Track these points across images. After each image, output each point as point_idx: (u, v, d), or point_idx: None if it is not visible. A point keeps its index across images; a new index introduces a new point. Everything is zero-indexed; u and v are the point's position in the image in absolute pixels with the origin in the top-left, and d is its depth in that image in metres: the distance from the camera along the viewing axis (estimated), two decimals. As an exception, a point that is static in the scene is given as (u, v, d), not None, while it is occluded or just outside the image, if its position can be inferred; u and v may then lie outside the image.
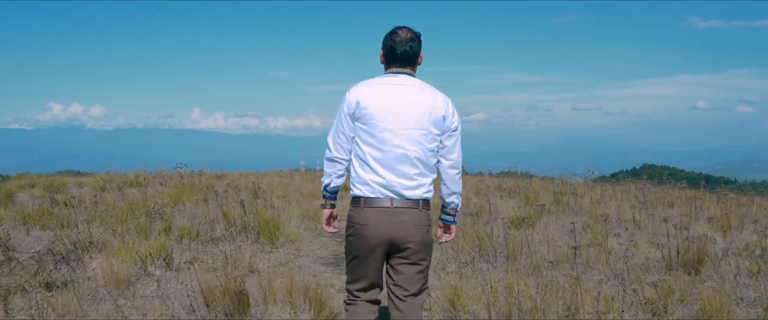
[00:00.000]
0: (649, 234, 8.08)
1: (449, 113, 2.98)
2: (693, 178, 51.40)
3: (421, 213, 2.95)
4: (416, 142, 2.89)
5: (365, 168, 2.92)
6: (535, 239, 7.33)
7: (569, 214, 9.77)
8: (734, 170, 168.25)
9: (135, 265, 5.34)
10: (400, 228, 2.89)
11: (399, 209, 2.89)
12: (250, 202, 9.17)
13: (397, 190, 2.89)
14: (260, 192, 11.62)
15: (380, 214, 2.89)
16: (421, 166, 2.92)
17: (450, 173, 3.05)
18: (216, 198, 10.85)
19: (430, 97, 2.96)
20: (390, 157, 2.88)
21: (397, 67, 2.99)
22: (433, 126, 2.92)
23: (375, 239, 2.91)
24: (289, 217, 8.39)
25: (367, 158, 2.91)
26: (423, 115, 2.90)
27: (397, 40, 2.95)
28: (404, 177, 2.89)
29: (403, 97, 2.92)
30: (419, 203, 2.94)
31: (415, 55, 2.99)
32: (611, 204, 10.88)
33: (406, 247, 2.94)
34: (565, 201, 11.37)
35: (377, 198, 2.89)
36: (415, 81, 3.00)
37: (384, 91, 2.93)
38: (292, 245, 6.83)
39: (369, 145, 2.91)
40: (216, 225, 7.36)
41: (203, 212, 8.12)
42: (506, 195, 13.25)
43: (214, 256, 6.21)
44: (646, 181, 17.64)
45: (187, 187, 11.47)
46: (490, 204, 9.52)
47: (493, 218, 8.97)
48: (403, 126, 2.88)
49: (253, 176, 19.37)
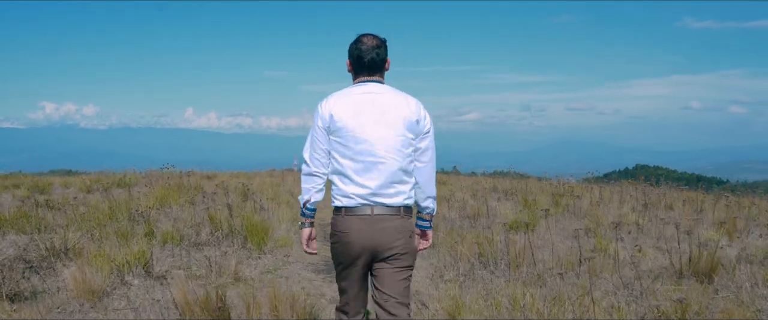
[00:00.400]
0: (653, 238, 7.77)
1: (421, 116, 2.96)
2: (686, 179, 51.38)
3: (402, 220, 2.92)
4: (394, 150, 2.88)
5: (345, 181, 2.91)
6: (536, 244, 7.02)
7: (569, 217, 9.46)
8: (726, 170, 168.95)
9: (111, 274, 4.97)
10: (381, 235, 2.87)
11: (380, 216, 2.87)
12: (239, 205, 8.82)
13: (376, 199, 2.87)
14: (250, 194, 11.26)
15: (361, 222, 2.87)
16: (400, 173, 2.90)
17: (425, 176, 3.01)
18: (204, 200, 10.51)
19: (402, 102, 2.94)
20: (369, 167, 2.86)
21: (366, 75, 2.97)
22: (408, 131, 2.91)
23: (357, 246, 2.88)
24: (279, 220, 8.04)
25: (346, 171, 2.89)
26: (397, 122, 2.89)
27: (364, 49, 2.93)
28: (384, 186, 2.87)
29: (376, 105, 2.90)
30: (400, 210, 2.91)
31: (382, 61, 2.97)
32: (611, 206, 10.56)
33: (390, 255, 2.90)
34: (564, 203, 11.06)
35: (357, 207, 2.88)
36: (385, 88, 2.98)
37: (356, 102, 2.91)
38: (281, 250, 6.48)
39: (347, 157, 2.89)
40: (202, 229, 7.00)
41: (189, 215, 7.76)
42: (503, 196, 12.94)
43: (198, 263, 5.86)
44: (642, 182, 17.38)
45: (174, 189, 11.11)
46: (487, 206, 9.19)
47: (491, 221, 8.64)
48: (379, 135, 2.87)
49: (244, 176, 19.00)
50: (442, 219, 8.94)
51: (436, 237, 7.02)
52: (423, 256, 6.53)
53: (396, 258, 2.92)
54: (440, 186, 14.62)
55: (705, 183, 26.72)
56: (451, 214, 9.16)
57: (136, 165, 17.74)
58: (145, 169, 17.54)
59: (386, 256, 2.91)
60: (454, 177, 19.54)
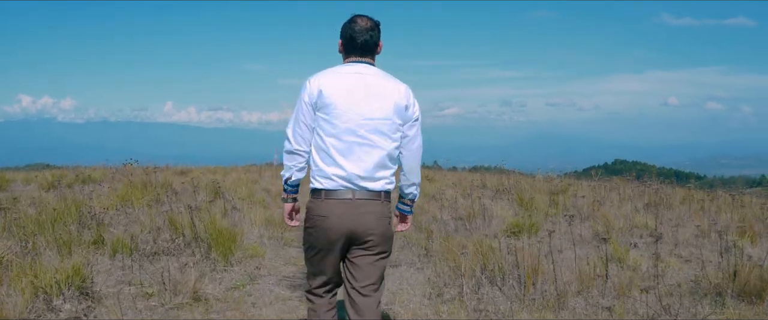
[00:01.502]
0: (670, 244, 6.98)
1: (411, 103, 2.91)
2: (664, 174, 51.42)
3: (382, 205, 2.85)
4: (380, 133, 2.81)
5: (327, 161, 2.81)
6: (543, 251, 6.19)
7: (571, 218, 8.65)
8: (702, 166, 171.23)
9: (34, 298, 4.03)
10: (362, 220, 2.80)
11: (361, 201, 2.80)
12: (208, 205, 7.91)
13: (358, 182, 2.79)
14: (222, 192, 10.32)
15: (342, 206, 2.79)
16: (384, 158, 2.83)
17: (411, 163, 2.96)
18: (171, 199, 9.55)
19: (392, 86, 2.88)
20: (353, 149, 2.79)
21: (357, 56, 2.90)
22: (396, 116, 2.85)
23: (336, 231, 2.81)
24: (252, 223, 7.13)
25: (330, 150, 2.79)
26: (386, 105, 2.83)
27: (357, 29, 2.86)
28: (366, 169, 2.80)
29: (366, 86, 2.83)
30: (381, 195, 2.84)
31: (375, 44, 2.91)
32: (610, 205, 9.78)
33: (368, 240, 2.84)
34: (562, 202, 10.26)
35: (338, 190, 2.79)
36: (376, 70, 2.92)
37: (347, 81, 2.83)
38: (251, 261, 5.58)
39: (331, 135, 2.79)
40: (161, 235, 6.08)
41: (149, 218, 6.82)
42: (494, 194, 12.12)
43: (152, 277, 4.94)
44: (633, 178, 16.73)
45: (138, 186, 10.14)
46: (482, 206, 8.34)
47: (487, 224, 7.80)
48: (367, 116, 2.80)
49: (220, 172, 18.04)
50: (434, 220, 8.10)
51: (431, 245, 6.17)
52: (416, 267, 5.68)
53: (374, 245, 2.85)
54: (427, 183, 13.78)
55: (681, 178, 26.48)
56: (443, 215, 8.31)
57: (115, 160, 16.73)
58: (123, 164, 16.64)
59: (364, 242, 2.84)
60: (439, 172, 18.76)
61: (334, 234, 2.81)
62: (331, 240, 2.83)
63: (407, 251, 6.29)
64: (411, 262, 5.81)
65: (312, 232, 2.87)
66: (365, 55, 2.91)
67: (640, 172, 20.26)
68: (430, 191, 11.39)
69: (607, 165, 74.79)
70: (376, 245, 2.86)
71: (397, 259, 5.95)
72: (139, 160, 15.60)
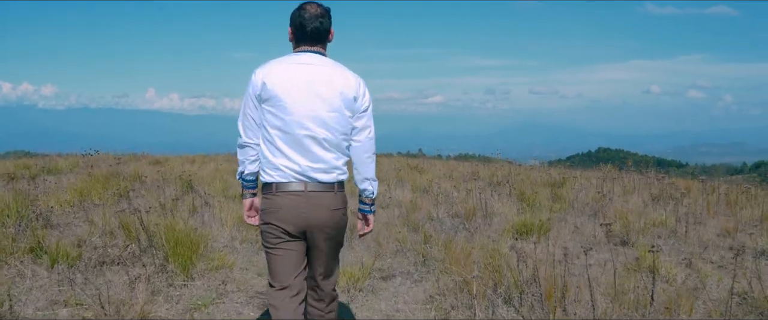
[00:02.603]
0: (694, 245, 6.19)
1: (360, 93, 2.81)
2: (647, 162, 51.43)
3: (335, 196, 2.79)
4: (326, 125, 2.73)
5: (275, 153, 2.75)
6: (556, 255, 5.37)
7: (581, 216, 7.85)
8: (684, 154, 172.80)
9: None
10: (315, 212, 2.74)
11: (313, 193, 2.74)
12: (174, 203, 7.00)
13: (309, 174, 2.73)
14: (195, 185, 9.40)
15: (294, 198, 2.73)
16: (333, 149, 2.76)
17: (362, 156, 2.87)
18: (137, 194, 8.65)
19: (340, 76, 2.77)
20: (300, 141, 2.71)
21: (307, 45, 2.80)
22: (344, 107, 2.76)
23: (290, 225, 2.75)
24: (222, 223, 6.24)
25: (276, 142, 2.73)
26: (334, 96, 2.74)
27: (307, 17, 2.75)
28: (316, 161, 2.73)
29: (312, 77, 2.73)
30: (334, 186, 2.78)
31: (326, 31, 2.81)
32: (615, 198, 8.98)
33: (322, 231, 2.79)
34: (564, 195, 9.47)
35: (290, 183, 2.73)
36: (325, 60, 2.81)
37: (292, 71, 2.74)
38: (217, 274, 4.68)
39: (276, 128, 2.73)
40: (114, 240, 5.19)
41: (104, 218, 5.90)
42: (489, 186, 11.31)
43: (95, 295, 4.05)
44: (630, 167, 16.08)
45: (103, 179, 9.21)
46: (482, 202, 7.50)
47: (489, 222, 6.97)
48: (312, 108, 2.71)
49: (199, 161, 17.04)
50: (429, 219, 7.25)
51: (430, 251, 5.33)
52: (413, 280, 4.83)
53: (328, 237, 2.82)
54: (415, 174, 12.93)
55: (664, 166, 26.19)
56: (438, 213, 7.46)
57: (95, 147, 15.81)
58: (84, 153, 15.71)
59: (320, 232, 2.79)
60: (427, 162, 17.92)
61: (288, 228, 2.75)
62: (286, 233, 2.76)
63: (401, 258, 5.43)
64: (406, 273, 4.95)
65: (267, 228, 2.80)
66: (316, 44, 2.80)
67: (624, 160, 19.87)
68: (422, 183, 10.54)
69: (590, 153, 74.72)
70: (331, 236, 2.83)
71: (390, 268, 5.11)
72: (117, 147, 14.71)
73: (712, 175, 14.45)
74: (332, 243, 2.87)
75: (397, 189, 10.24)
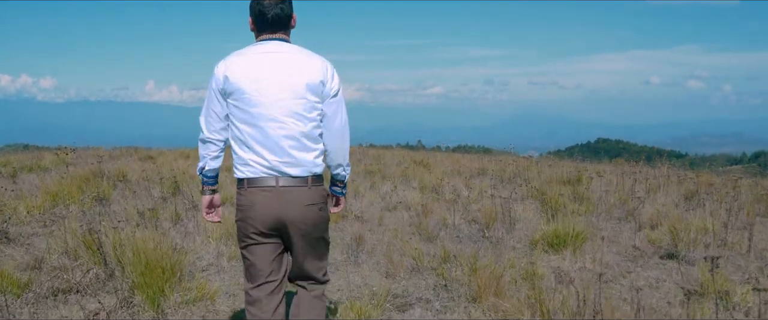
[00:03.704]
0: (754, 258, 5.38)
1: (328, 77, 2.65)
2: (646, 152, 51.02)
3: (310, 190, 2.64)
4: (294, 114, 2.59)
5: (243, 148, 2.62)
6: (605, 277, 4.55)
7: (612, 221, 7.04)
8: (683, 144, 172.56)
9: None
10: (288, 208, 2.60)
11: (285, 188, 2.60)
12: (155, 210, 6.17)
13: (280, 169, 2.60)
14: (183, 186, 8.57)
15: (265, 194, 2.59)
16: (303, 139, 2.61)
17: (334, 143, 2.72)
18: (119, 195, 7.83)
19: (305, 62, 2.64)
20: (268, 133, 2.58)
21: (269, 33, 2.67)
22: (310, 93, 2.61)
23: (263, 221, 2.62)
24: (207, 235, 5.41)
25: (244, 137, 2.60)
26: (299, 83, 2.60)
27: (266, 4, 2.63)
28: (286, 154, 2.59)
29: (275, 65, 2.61)
30: (307, 180, 2.63)
31: (287, 17, 2.68)
32: (642, 195, 8.16)
33: (299, 228, 2.64)
34: (583, 193, 8.66)
35: (261, 178, 2.60)
36: (289, 46, 2.67)
37: (254, 61, 2.62)
38: (195, 307, 3.81)
39: (243, 122, 2.60)
40: (76, 261, 4.36)
41: (71, 231, 5.04)
42: (499, 183, 10.49)
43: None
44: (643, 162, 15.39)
45: (83, 179, 8.39)
46: (501, 207, 6.67)
47: (511, 229, 6.15)
48: (278, 97, 2.58)
49: (194, 154, 16.25)
50: (443, 225, 6.44)
51: (451, 272, 4.49)
52: (435, 310, 4.00)
53: (305, 233, 2.66)
54: (421, 169, 12.11)
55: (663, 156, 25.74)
56: (454, 218, 6.63)
57: (96, 140, 15.10)
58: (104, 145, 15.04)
59: (295, 229, 2.64)
60: (431, 156, 17.13)
61: (260, 225, 2.62)
62: (259, 230, 2.64)
63: (418, 279, 4.60)
64: (426, 300, 4.11)
65: (240, 225, 2.69)
66: (277, 31, 2.67)
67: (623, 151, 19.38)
68: (430, 181, 9.71)
69: (589, 143, 74.23)
70: (308, 233, 2.67)
71: (405, 292, 4.27)
72: (117, 141, 13.99)
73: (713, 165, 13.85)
74: (310, 241, 2.70)
75: (404, 188, 9.44)
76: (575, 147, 63.26)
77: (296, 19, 2.75)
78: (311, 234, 2.69)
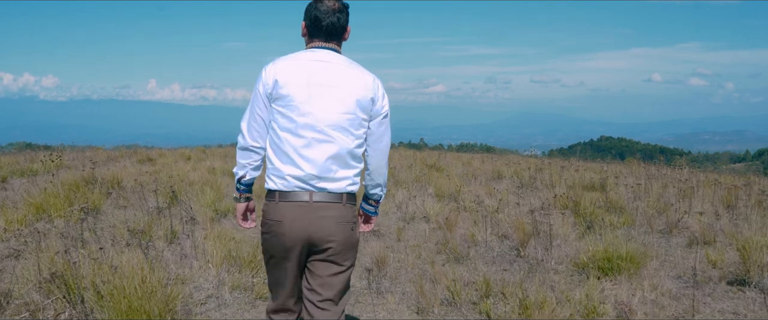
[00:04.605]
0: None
1: (379, 95, 2.56)
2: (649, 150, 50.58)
3: (344, 208, 2.50)
4: (341, 128, 2.46)
5: (282, 158, 2.47)
6: (652, 303, 3.84)
7: (647, 231, 6.35)
8: (685, 142, 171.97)
9: None
10: (320, 225, 2.46)
11: (319, 204, 2.46)
12: (144, 233, 5.47)
13: (316, 183, 2.46)
14: (182, 195, 7.88)
15: (297, 209, 2.45)
16: (346, 156, 2.49)
17: (377, 162, 2.62)
18: (115, 201, 7.15)
19: (357, 76, 2.52)
20: (311, 145, 2.44)
21: (322, 40, 2.55)
22: (360, 110, 2.50)
23: (291, 237, 2.46)
24: (208, 260, 4.69)
25: (285, 146, 2.46)
26: (349, 97, 2.48)
27: (323, 10, 2.51)
28: (325, 169, 2.46)
29: (327, 75, 2.48)
30: (343, 197, 2.50)
31: (342, 28, 2.56)
32: (674, 201, 7.47)
33: (327, 247, 2.48)
34: (617, 201, 7.96)
35: (294, 192, 2.46)
36: (340, 58, 2.55)
37: (305, 69, 2.48)
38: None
39: (287, 130, 2.46)
40: (48, 298, 3.67)
41: (47, 258, 4.34)
42: (518, 188, 9.80)
43: None
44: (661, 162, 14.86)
45: (72, 187, 7.70)
46: (533, 220, 5.95)
47: (548, 246, 5.44)
48: (327, 109, 2.45)
49: (195, 156, 15.59)
50: (472, 242, 5.74)
51: (495, 308, 3.79)
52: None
53: (334, 253, 2.50)
54: (434, 173, 11.40)
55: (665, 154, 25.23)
56: (483, 234, 5.92)
57: (98, 139, 14.46)
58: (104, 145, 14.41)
59: (324, 250, 2.49)
60: (441, 157, 16.44)
61: (289, 241, 2.45)
62: (287, 246, 2.47)
63: (455, 313, 3.89)
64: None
65: (267, 238, 2.53)
66: (330, 40, 2.54)
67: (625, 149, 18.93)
68: (447, 188, 8.99)
69: (592, 141, 73.62)
70: (336, 253, 2.49)
71: (442, 333, 3.58)
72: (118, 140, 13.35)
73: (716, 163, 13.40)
74: (338, 262, 2.52)
75: (420, 196, 8.74)
76: (577, 145, 62.71)
77: (350, 32, 2.61)
78: (340, 255, 2.52)
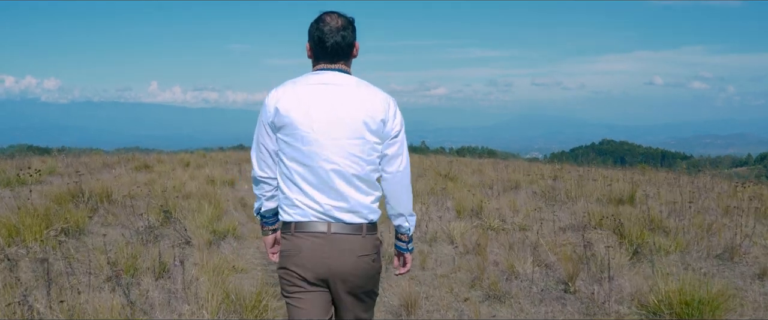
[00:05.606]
0: None
1: (390, 116, 2.34)
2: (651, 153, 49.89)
3: (364, 240, 2.32)
4: (350, 155, 2.28)
5: (293, 189, 2.32)
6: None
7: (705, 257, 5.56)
8: (688, 145, 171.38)
9: None
10: (339, 258, 2.29)
11: (338, 236, 2.28)
12: (135, 255, 4.68)
13: (333, 214, 2.28)
14: (177, 211, 7.07)
15: (315, 241, 2.29)
16: (359, 183, 2.31)
17: (395, 189, 2.41)
18: (103, 218, 6.36)
19: (366, 97, 2.33)
20: (320, 175, 2.28)
21: (327, 62, 2.36)
22: (370, 133, 2.31)
23: (310, 270, 2.29)
24: (202, 304, 3.88)
25: (294, 177, 2.31)
26: (357, 121, 2.29)
27: (326, 30, 2.32)
28: (340, 199, 2.28)
29: (332, 99, 2.30)
30: (362, 228, 2.32)
31: (349, 46, 2.36)
32: (716, 216, 6.67)
33: (347, 280, 2.31)
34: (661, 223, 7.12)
35: (311, 222, 2.29)
36: (348, 79, 2.36)
37: (308, 93, 2.31)
38: None
39: (293, 160, 2.30)
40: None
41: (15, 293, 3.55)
42: (539, 199, 8.99)
43: None
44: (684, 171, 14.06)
45: (56, 200, 6.93)
46: (576, 244, 5.15)
47: (602, 278, 4.64)
48: (334, 135, 2.28)
49: (195, 161, 14.79)
50: (513, 275, 4.94)
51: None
52: None
53: (355, 286, 2.34)
54: (449, 183, 10.61)
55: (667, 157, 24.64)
56: (525, 268, 5.11)
57: (99, 141, 13.68)
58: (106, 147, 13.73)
59: (344, 282, 2.32)
60: (453, 164, 15.62)
61: (308, 274, 2.29)
62: (305, 280, 2.30)
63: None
64: None
65: (283, 273, 2.36)
66: (337, 61, 2.35)
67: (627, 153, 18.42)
68: (468, 203, 8.17)
69: (594, 144, 72.95)
70: (357, 286, 2.34)
71: None
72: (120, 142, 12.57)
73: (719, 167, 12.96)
74: (359, 295, 2.36)
75: (438, 210, 7.95)
76: (579, 148, 62.10)
77: (359, 48, 2.43)
78: (361, 288, 2.37)
